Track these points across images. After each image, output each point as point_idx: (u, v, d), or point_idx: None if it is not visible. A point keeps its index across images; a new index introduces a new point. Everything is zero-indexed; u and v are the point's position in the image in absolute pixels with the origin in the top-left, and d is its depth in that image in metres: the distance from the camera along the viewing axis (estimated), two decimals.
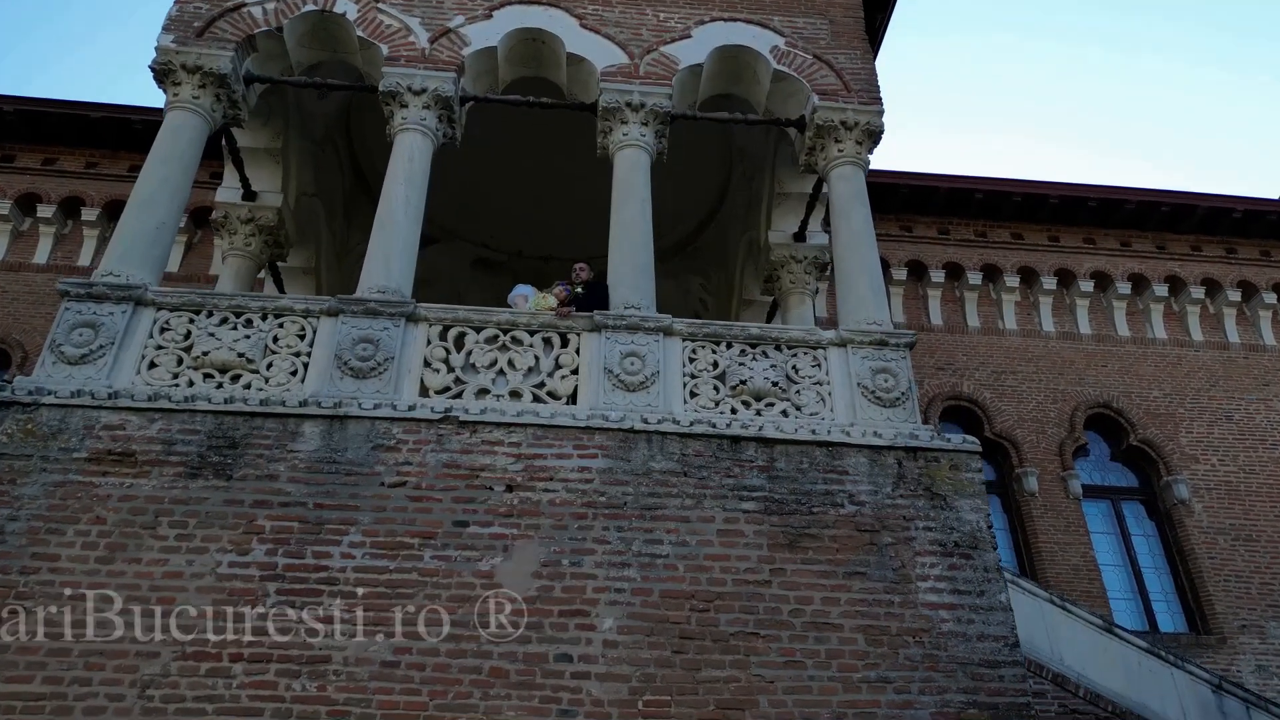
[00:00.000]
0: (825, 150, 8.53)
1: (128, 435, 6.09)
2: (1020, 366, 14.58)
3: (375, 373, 6.72)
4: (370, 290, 7.18)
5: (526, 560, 5.89)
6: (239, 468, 6.05)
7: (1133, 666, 10.09)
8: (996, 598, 6.05)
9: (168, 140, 7.77)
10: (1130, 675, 10.01)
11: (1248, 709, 10.00)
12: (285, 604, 5.59)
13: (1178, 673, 10.12)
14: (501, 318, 7.17)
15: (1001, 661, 5.81)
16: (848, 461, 6.51)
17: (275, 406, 6.31)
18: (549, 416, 6.47)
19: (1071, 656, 10.09)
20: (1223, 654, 12.39)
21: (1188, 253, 15.67)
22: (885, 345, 7.25)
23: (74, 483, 5.89)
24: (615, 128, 8.42)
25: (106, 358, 6.61)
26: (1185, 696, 9.97)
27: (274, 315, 7.00)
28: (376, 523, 5.94)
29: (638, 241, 7.75)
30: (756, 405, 6.94)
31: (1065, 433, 14.00)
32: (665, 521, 6.14)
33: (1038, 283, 15.22)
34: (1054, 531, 13.11)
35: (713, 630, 5.78)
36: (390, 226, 7.57)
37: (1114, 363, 14.79)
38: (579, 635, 5.67)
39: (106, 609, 5.45)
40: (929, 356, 14.46)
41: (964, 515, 6.36)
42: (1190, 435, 14.18)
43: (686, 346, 7.18)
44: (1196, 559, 13.14)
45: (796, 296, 9.99)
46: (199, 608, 5.53)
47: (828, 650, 5.76)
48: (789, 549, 6.13)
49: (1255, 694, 10.14)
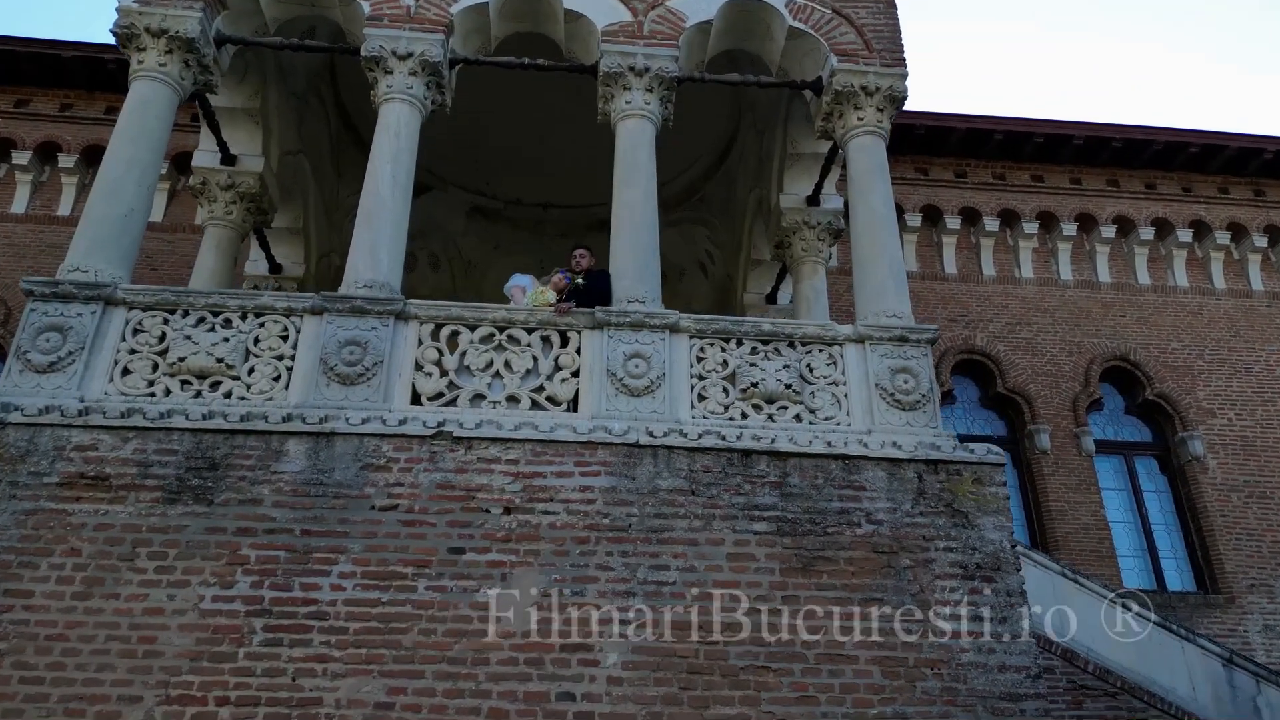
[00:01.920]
0: (844, 118, 7.91)
1: (101, 457, 5.73)
2: (1036, 318, 14.13)
3: (364, 379, 6.31)
4: (356, 285, 6.71)
5: (526, 590, 5.60)
6: (220, 491, 5.71)
7: (1143, 640, 9.96)
8: (1019, 624, 5.77)
9: (134, 116, 7.17)
10: (1141, 650, 9.89)
11: (1258, 682, 9.90)
12: (273, 642, 5.31)
13: (1188, 646, 10.00)
14: (497, 315, 6.72)
15: (1024, 695, 5.56)
16: (865, 476, 6.15)
17: (257, 423, 5.92)
18: (548, 430, 6.08)
19: (1083, 631, 9.95)
20: (1230, 613, 12.30)
21: (1214, 195, 15.02)
22: (906, 341, 6.81)
23: (46, 510, 5.55)
24: (617, 94, 7.79)
25: (76, 364, 6.19)
26: (1195, 670, 9.87)
27: (254, 314, 6.55)
28: (367, 550, 5.62)
29: (642, 227, 7.23)
30: (768, 409, 6.55)
31: (1080, 387, 13.65)
32: (672, 545, 5.83)
33: (1057, 228, 14.63)
34: (1065, 490, 12.88)
35: (721, 664, 5.52)
36: (377, 213, 7.04)
37: (1133, 312, 14.33)
38: (582, 672, 5.41)
39: (85, 650, 5.18)
40: (942, 308, 14.01)
41: (987, 534, 6.03)
42: (1208, 389, 13.83)
43: (694, 344, 6.75)
44: (1208, 517, 12.95)
45: (809, 265, 9.48)
46: (182, 647, 5.25)
47: (842, 684, 5.51)
48: (802, 573, 5.82)
49: (1266, 668, 10.04)
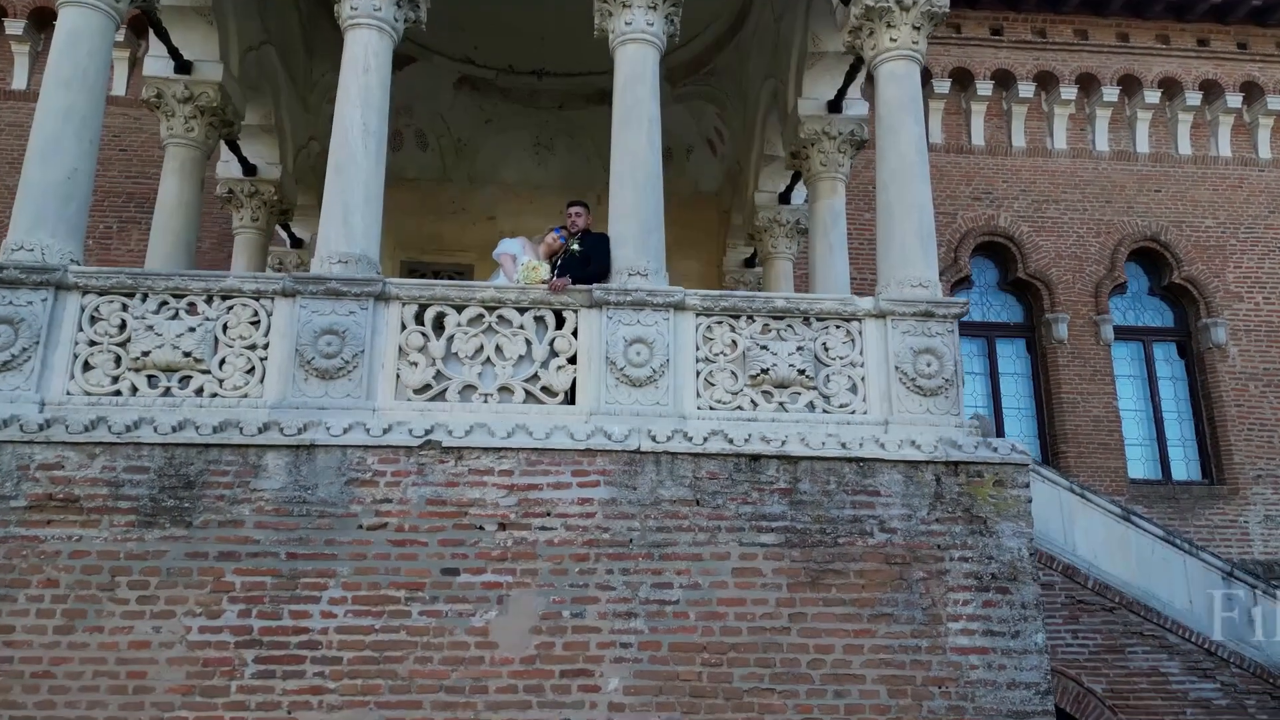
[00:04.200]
0: (874, 36, 6.93)
1: (68, 477, 5.38)
2: (1065, 194, 13.30)
3: (344, 372, 5.85)
4: (330, 259, 6.10)
5: (524, 613, 5.40)
6: (198, 513, 5.40)
7: (1146, 555, 9.99)
8: (1032, 639, 5.61)
9: (66, 55, 6.27)
10: (1143, 564, 9.94)
11: (1254, 595, 10.01)
12: (265, 674, 5.18)
13: (1190, 560, 10.04)
14: (486, 294, 6.14)
15: (1032, 712, 5.48)
16: (880, 480, 5.81)
17: (232, 434, 5.52)
18: (544, 437, 5.68)
19: (1085, 546, 9.97)
20: (1233, 504, 12.35)
21: (1272, 52, 13.72)
22: (931, 317, 6.26)
23: (17, 538, 5.27)
24: (617, 12, 6.80)
25: (33, 362, 5.72)
26: (1194, 584, 9.95)
27: (220, 297, 5.99)
28: (357, 574, 5.38)
29: (645, 183, 6.48)
30: (779, 397, 6.10)
31: (1104, 271, 13.05)
32: (675, 561, 5.57)
33: (1097, 93, 13.50)
34: (1078, 381, 12.60)
35: (725, 687, 5.41)
36: (348, 170, 6.29)
37: (1169, 187, 13.48)
38: (583, 698, 5.31)
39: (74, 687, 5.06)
40: (965, 184, 13.19)
41: (1005, 541, 5.76)
42: (1238, 270, 13.23)
43: (700, 323, 6.21)
44: (1223, 406, 12.73)
45: (828, 183, 8.68)
46: (173, 681, 5.13)
47: (847, 705, 5.42)
48: (811, 587, 5.61)
49: (1266, 582, 10.13)
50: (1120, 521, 10.05)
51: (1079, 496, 10.11)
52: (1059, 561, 9.72)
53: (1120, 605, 9.63)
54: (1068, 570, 9.67)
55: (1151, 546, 10.02)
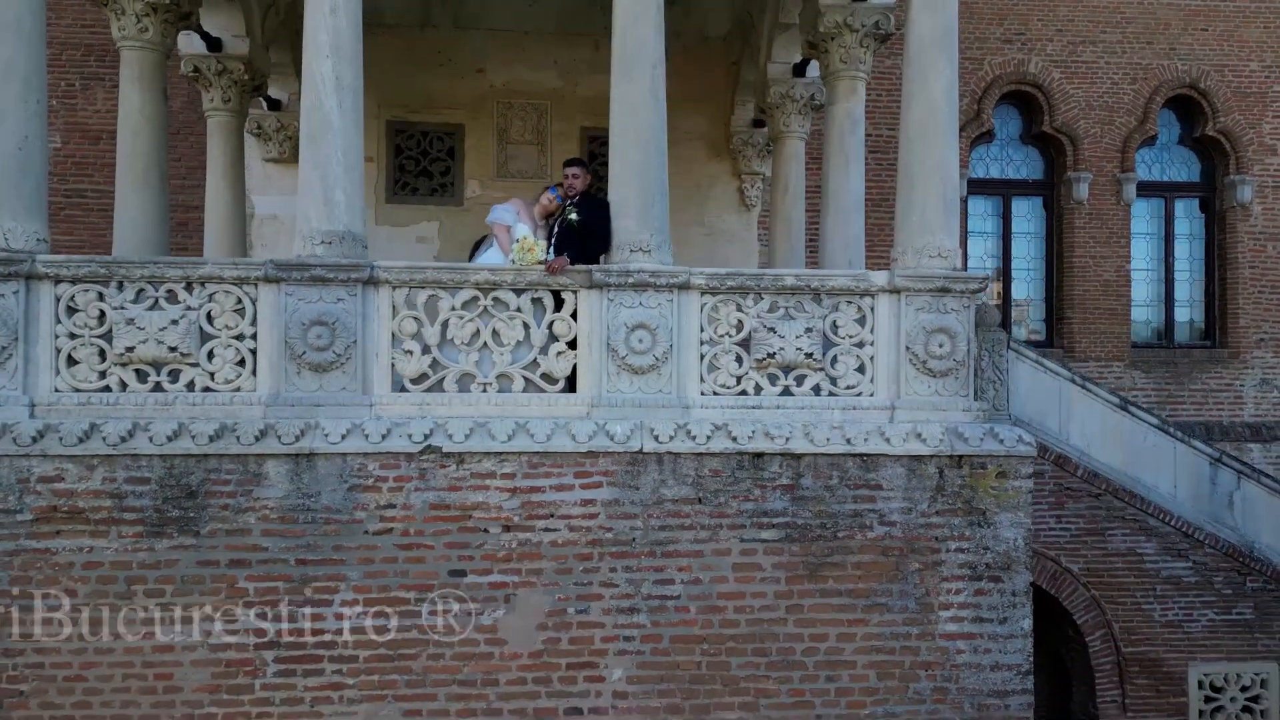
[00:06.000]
0: None
1: (70, 489, 5.37)
2: (1104, 34, 12.25)
3: (338, 365, 5.68)
4: (313, 239, 5.73)
5: (530, 611, 5.59)
6: (204, 522, 5.44)
7: (1138, 443, 10.19)
8: (1019, 624, 5.85)
9: None
10: (1133, 451, 10.17)
11: (1239, 479, 10.33)
12: (286, 673, 5.45)
13: (1180, 447, 10.26)
14: (480, 278, 5.82)
15: (1011, 690, 5.82)
16: (883, 474, 5.80)
17: (230, 443, 5.44)
18: (545, 439, 5.60)
19: (1079, 435, 10.15)
20: (1231, 368, 12.41)
21: None
22: (947, 293, 5.98)
23: (29, 550, 5.35)
24: None
25: (15, 359, 5.54)
26: (1181, 470, 10.23)
27: (200, 285, 5.68)
28: (366, 577, 5.52)
29: (648, 143, 5.94)
30: (784, 381, 5.96)
31: (1135, 123, 12.30)
32: (677, 558, 5.69)
33: None
34: (1093, 244, 12.25)
35: (723, 674, 5.70)
36: (323, 137, 5.74)
37: (1217, 24, 12.39)
38: (588, 688, 5.62)
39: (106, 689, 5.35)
40: (996, 25, 12.14)
41: (1001, 532, 5.85)
42: (1275, 121, 12.46)
43: (705, 302, 5.93)
44: (1236, 267, 12.47)
45: (847, 81, 7.94)
46: (199, 681, 5.41)
47: (838, 688, 5.75)
48: (808, 579, 5.76)
49: (1250, 466, 10.41)
50: (1117, 411, 10.15)
51: (1080, 387, 10.14)
52: (1051, 452, 9.92)
53: (1106, 492, 9.94)
54: (1059, 460, 9.89)
55: (1145, 434, 10.19)
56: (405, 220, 11.15)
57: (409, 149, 11.27)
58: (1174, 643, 9.97)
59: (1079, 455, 10.04)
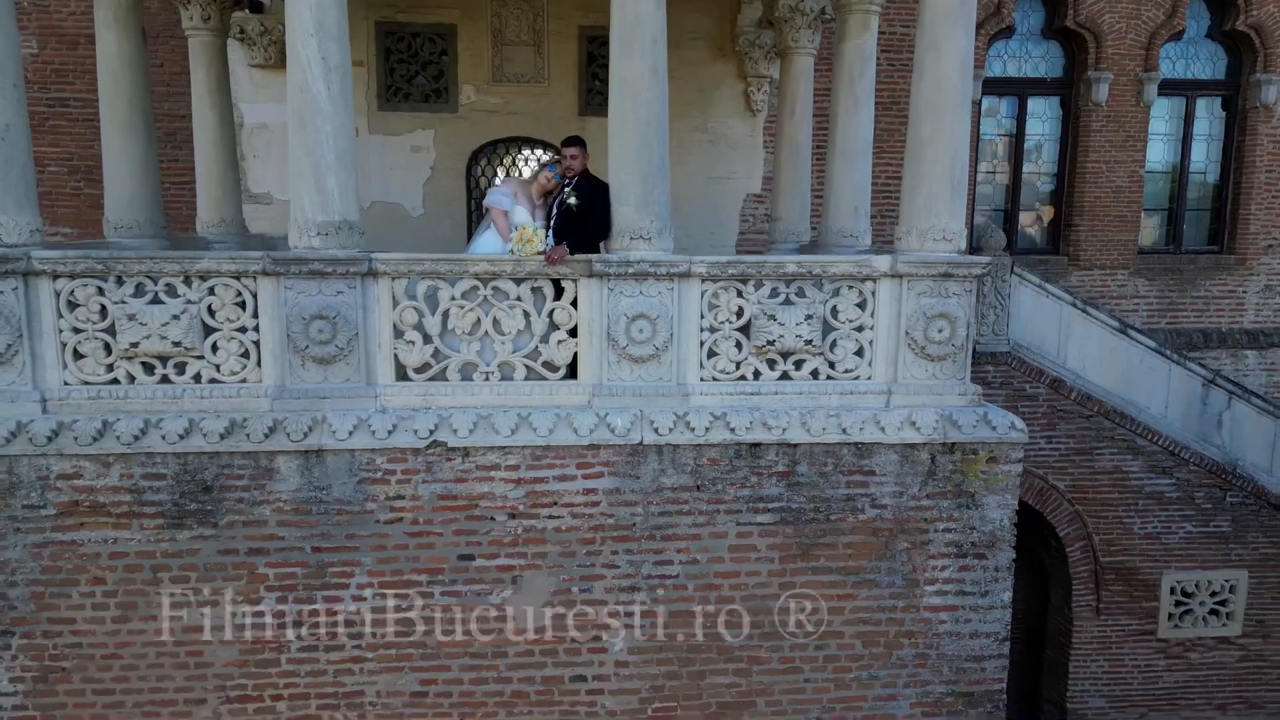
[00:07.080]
0: None
1: (90, 486, 5.54)
2: None
3: (341, 358, 5.73)
4: (309, 230, 5.64)
5: (536, 591, 5.90)
6: (222, 514, 5.65)
7: (1134, 365, 10.33)
8: (999, 596, 6.16)
9: None
10: (1129, 374, 10.32)
11: (1229, 399, 10.52)
12: (310, 648, 5.81)
13: (1175, 369, 10.40)
14: (478, 269, 5.76)
15: (987, 655, 6.21)
16: (876, 460, 5.95)
17: (240, 440, 5.57)
18: (548, 433, 5.72)
19: (1077, 358, 10.27)
20: (1237, 275, 12.36)
21: None
22: (950, 278, 5.94)
23: (56, 542, 5.58)
24: None
25: (21, 355, 5.60)
26: (1174, 391, 10.41)
27: (199, 278, 5.66)
28: (380, 563, 5.78)
29: (648, 123, 5.73)
30: (783, 365, 6.02)
31: (1163, 16, 11.70)
32: (676, 541, 5.93)
33: None
34: (1108, 148, 11.92)
35: (719, 644, 6.07)
36: (313, 122, 5.55)
37: None
38: (592, 658, 6.00)
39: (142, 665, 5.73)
40: None
41: (988, 513, 6.06)
42: None
43: (707, 289, 5.91)
44: (1253, 172, 12.18)
45: (859, 16, 7.54)
46: (229, 657, 5.78)
47: (826, 655, 6.13)
48: (801, 559, 6.03)
49: (1241, 386, 10.56)
50: (1116, 334, 10.21)
51: (1080, 311, 10.16)
52: (1047, 375, 10.07)
53: (1098, 414, 10.16)
54: (1054, 383, 10.05)
55: (1141, 356, 10.30)
56: (399, 128, 10.83)
57: (400, 52, 10.79)
58: (1151, 553, 10.45)
59: (1074, 378, 10.18)
